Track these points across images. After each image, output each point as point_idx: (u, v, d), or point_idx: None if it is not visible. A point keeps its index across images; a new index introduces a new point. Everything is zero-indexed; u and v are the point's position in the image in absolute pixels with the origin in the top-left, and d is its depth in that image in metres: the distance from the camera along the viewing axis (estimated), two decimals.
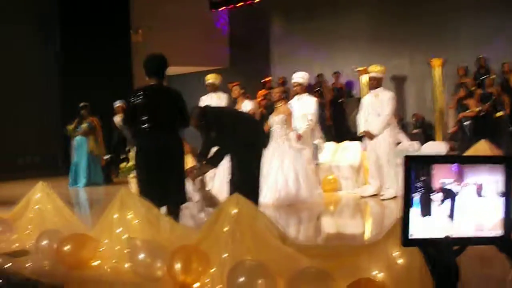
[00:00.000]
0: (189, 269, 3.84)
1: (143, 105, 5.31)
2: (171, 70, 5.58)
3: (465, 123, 11.85)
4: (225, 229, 3.74)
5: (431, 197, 1.57)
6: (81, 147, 11.91)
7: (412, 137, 11.01)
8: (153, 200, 4.66)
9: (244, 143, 6.12)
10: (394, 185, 8.06)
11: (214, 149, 6.34)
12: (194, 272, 3.85)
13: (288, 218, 7.11)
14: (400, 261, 3.18)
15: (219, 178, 8.35)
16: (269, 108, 12.45)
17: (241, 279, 3.42)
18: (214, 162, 6.30)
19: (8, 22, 13.92)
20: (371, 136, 8.20)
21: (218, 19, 17.93)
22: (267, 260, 3.52)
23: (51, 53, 14.99)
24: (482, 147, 7.59)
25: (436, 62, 13.66)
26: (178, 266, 3.86)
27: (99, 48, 14.34)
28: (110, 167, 12.77)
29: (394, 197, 7.97)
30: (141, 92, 5.43)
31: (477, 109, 11.77)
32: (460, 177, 1.57)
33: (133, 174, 10.13)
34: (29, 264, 4.82)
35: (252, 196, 4.94)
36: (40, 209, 5.56)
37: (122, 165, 10.38)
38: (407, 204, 1.57)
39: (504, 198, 1.59)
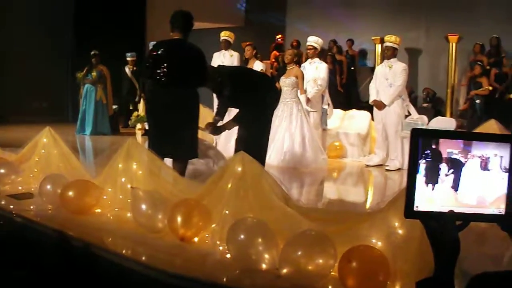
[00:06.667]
0: (190, 223, 3.87)
1: (164, 58, 5.30)
2: None
3: (476, 101, 11.76)
4: (229, 186, 3.76)
5: (438, 166, 1.57)
6: (89, 95, 11.90)
7: (421, 111, 10.90)
8: (162, 152, 4.68)
9: (255, 102, 6.09)
10: (399, 157, 8.08)
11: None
12: (194, 226, 3.88)
13: (291, 181, 7.13)
14: (400, 232, 3.20)
15: (224, 136, 8.38)
16: (280, 71, 12.40)
17: (241, 237, 3.44)
18: (237, 120, 6.29)
19: None
20: (381, 106, 8.17)
21: None
22: (269, 219, 3.53)
23: (64, 1, 14.84)
24: (491, 127, 7.52)
25: (453, 38, 13.45)
26: (178, 219, 3.89)
27: None
28: (117, 117, 12.79)
29: (399, 169, 7.99)
30: (164, 45, 5.43)
31: (490, 88, 11.66)
32: (467, 149, 1.57)
33: (139, 126, 10.18)
34: (32, 207, 4.89)
35: (258, 155, 4.95)
36: (46, 153, 5.59)
37: (135, 113, 10.40)
38: (413, 172, 1.56)
39: (508, 174, 1.59)
